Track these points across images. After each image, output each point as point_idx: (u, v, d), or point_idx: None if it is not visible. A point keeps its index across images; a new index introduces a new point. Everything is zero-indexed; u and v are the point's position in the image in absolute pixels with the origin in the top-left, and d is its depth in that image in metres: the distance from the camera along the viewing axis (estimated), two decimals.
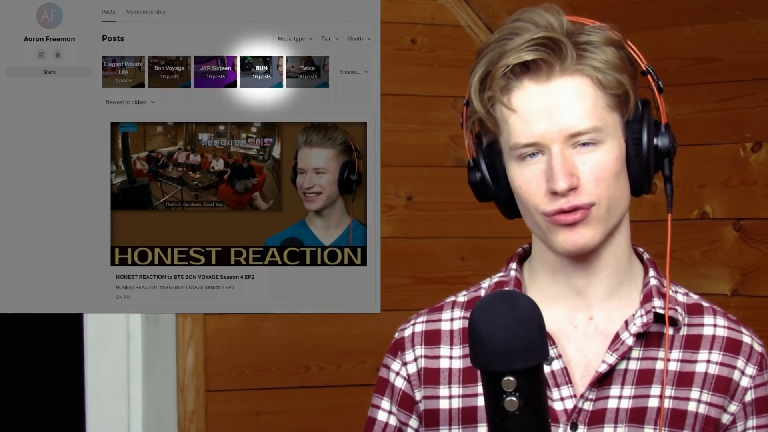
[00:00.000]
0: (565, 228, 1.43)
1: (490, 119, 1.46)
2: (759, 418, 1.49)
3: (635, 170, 1.47)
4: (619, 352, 1.46)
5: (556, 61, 1.42)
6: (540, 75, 1.42)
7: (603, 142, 1.43)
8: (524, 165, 1.44)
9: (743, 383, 1.48)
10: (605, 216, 1.44)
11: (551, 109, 1.42)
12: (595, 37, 1.44)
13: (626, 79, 1.45)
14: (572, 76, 1.42)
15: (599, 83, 1.43)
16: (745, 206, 2.54)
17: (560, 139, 1.42)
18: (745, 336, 1.51)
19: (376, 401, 1.58)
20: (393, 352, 1.57)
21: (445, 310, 1.57)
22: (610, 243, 1.48)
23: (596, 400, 1.46)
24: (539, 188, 1.43)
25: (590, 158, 1.42)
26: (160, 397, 2.57)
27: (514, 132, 1.43)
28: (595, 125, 1.42)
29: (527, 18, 1.45)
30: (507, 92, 1.43)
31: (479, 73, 1.45)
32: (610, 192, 1.44)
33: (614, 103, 1.45)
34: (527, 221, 1.49)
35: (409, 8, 2.73)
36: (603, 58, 1.43)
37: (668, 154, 1.48)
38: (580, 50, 1.43)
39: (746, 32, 2.47)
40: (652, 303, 1.49)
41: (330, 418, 2.60)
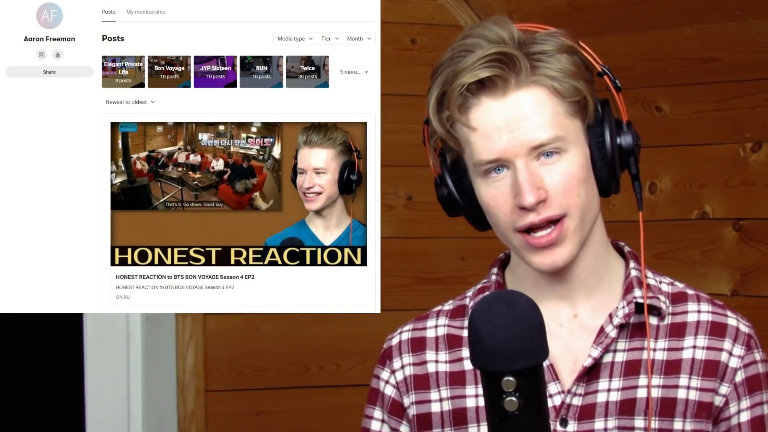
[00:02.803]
0: (541, 250, 1.44)
1: (451, 138, 1.46)
2: (752, 397, 1.49)
3: (601, 173, 1.46)
4: (604, 345, 1.47)
5: (510, 75, 1.41)
6: (496, 91, 1.42)
7: (566, 150, 1.43)
8: (490, 181, 1.44)
9: (732, 364, 1.48)
10: (579, 227, 1.45)
11: (511, 123, 1.42)
12: (548, 46, 1.44)
13: (583, 84, 1.44)
14: (529, 88, 1.42)
15: (556, 92, 1.43)
16: (745, 206, 2.55)
17: (523, 153, 1.42)
18: (731, 318, 1.51)
19: (368, 412, 1.59)
20: (382, 361, 1.59)
21: (431, 318, 1.59)
22: (585, 246, 1.48)
23: (585, 394, 1.47)
24: (507, 204, 1.43)
25: (556, 169, 1.43)
26: (160, 397, 2.57)
27: (476, 149, 1.44)
28: (557, 134, 1.42)
29: (477, 34, 1.45)
30: (465, 111, 1.43)
31: (435, 94, 1.46)
32: (581, 200, 1.44)
33: (573, 110, 1.44)
34: (500, 238, 1.49)
35: (409, 8, 2.73)
36: (557, 67, 1.43)
37: (633, 152, 1.48)
38: (533, 61, 1.42)
39: (746, 32, 2.47)
40: (633, 294, 1.49)
41: (330, 418, 2.60)
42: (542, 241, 1.43)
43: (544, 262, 1.45)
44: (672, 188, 2.59)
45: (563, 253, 1.44)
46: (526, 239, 1.44)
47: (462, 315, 1.56)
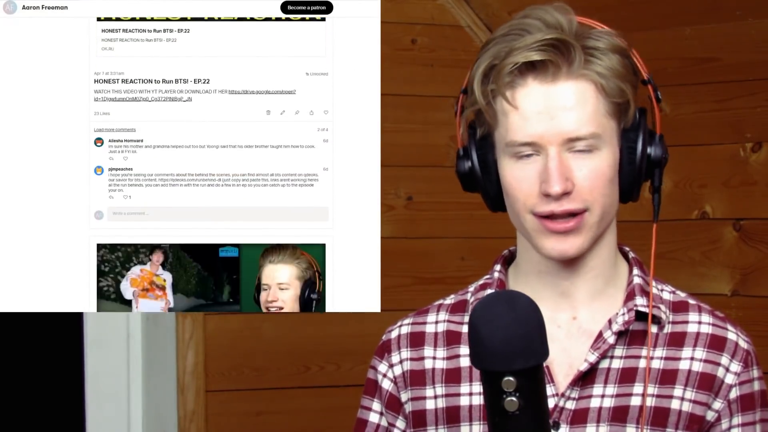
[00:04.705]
0: (555, 235, 1.44)
1: (489, 111, 1.45)
2: (744, 416, 1.48)
3: (626, 178, 1.47)
4: (601, 351, 1.46)
5: (563, 63, 1.42)
6: (546, 75, 1.42)
7: (600, 148, 1.43)
8: (518, 163, 1.44)
9: (728, 380, 1.48)
10: (597, 223, 1.45)
11: (552, 110, 1.42)
12: (602, 43, 1.44)
13: (628, 87, 1.45)
14: (577, 80, 1.43)
15: (602, 89, 1.43)
16: (745, 206, 2.54)
17: (558, 142, 1.42)
18: (730, 333, 1.50)
19: (366, 402, 1.59)
20: (380, 353, 1.58)
21: (431, 312, 1.58)
22: (596, 246, 1.48)
23: (579, 399, 1.46)
24: (532, 188, 1.43)
25: (586, 164, 1.43)
26: (160, 397, 2.57)
27: (512, 129, 1.43)
28: (595, 131, 1.43)
29: (537, 15, 1.45)
30: (511, 88, 1.43)
31: (484, 65, 1.45)
32: (604, 199, 1.44)
33: (614, 111, 1.45)
34: (513, 219, 1.49)
35: (409, 8, 2.73)
36: (608, 65, 1.43)
37: (660, 164, 1.48)
38: (587, 55, 1.43)
39: (746, 32, 2.47)
40: (635, 301, 1.49)
41: (330, 418, 2.59)
42: (559, 227, 1.43)
43: (556, 248, 1.44)
44: (672, 188, 2.58)
45: (575, 243, 1.44)
46: (543, 222, 1.43)
47: (462, 310, 1.55)
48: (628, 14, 2.49)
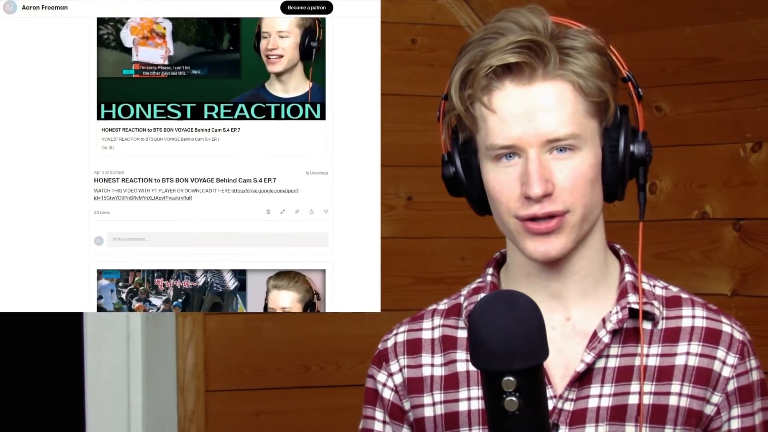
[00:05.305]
0: (538, 236, 1.43)
1: (468, 117, 1.46)
2: (743, 407, 1.48)
3: (610, 177, 1.46)
4: (597, 350, 1.46)
5: (539, 64, 1.42)
6: (522, 78, 1.42)
7: (580, 148, 1.43)
8: (499, 166, 1.44)
9: (725, 373, 1.47)
10: (579, 224, 1.44)
11: (531, 112, 1.42)
12: (579, 42, 1.44)
13: (607, 86, 1.44)
14: (554, 80, 1.42)
15: (580, 89, 1.43)
16: (745, 206, 2.55)
17: (538, 144, 1.42)
18: (725, 325, 1.50)
19: (368, 412, 1.58)
20: (377, 363, 1.58)
21: (426, 318, 1.58)
22: (582, 247, 1.48)
23: (577, 399, 1.46)
24: (513, 191, 1.43)
25: (566, 165, 1.42)
26: (160, 397, 2.57)
27: (491, 133, 1.43)
28: (574, 132, 1.42)
29: (511, 18, 1.45)
30: (488, 92, 1.43)
31: (461, 71, 1.45)
32: (585, 200, 1.44)
33: (593, 110, 1.44)
34: (498, 222, 1.49)
35: (409, 8, 2.73)
36: (585, 64, 1.43)
37: (644, 162, 1.47)
38: (563, 55, 1.42)
39: (746, 32, 2.47)
40: (627, 299, 1.49)
41: (330, 418, 2.60)
42: (541, 227, 1.42)
43: (538, 249, 1.44)
44: (672, 188, 2.59)
45: (557, 244, 1.44)
46: (525, 224, 1.43)
47: (457, 314, 1.55)
48: (628, 14, 2.49)
